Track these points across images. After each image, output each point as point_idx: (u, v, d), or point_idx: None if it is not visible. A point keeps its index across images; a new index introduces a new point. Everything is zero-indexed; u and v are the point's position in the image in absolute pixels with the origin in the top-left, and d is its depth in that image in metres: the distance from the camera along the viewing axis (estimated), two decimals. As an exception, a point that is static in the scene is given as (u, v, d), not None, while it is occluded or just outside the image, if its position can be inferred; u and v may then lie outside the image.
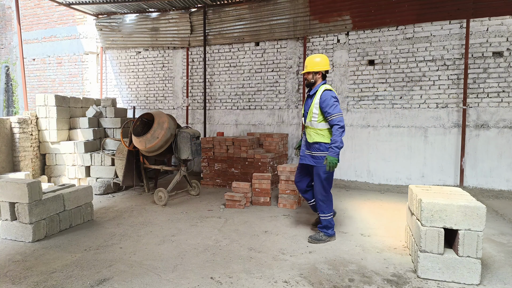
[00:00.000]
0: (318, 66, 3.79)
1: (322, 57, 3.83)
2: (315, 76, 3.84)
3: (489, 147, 5.92)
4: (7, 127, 6.12)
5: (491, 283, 2.86)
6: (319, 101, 3.70)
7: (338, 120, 3.59)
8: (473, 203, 2.84)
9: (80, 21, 9.14)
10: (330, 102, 3.62)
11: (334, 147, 3.58)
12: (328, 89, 3.72)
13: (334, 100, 3.65)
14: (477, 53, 5.93)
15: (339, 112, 3.62)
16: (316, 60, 3.81)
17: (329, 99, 3.64)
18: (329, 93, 3.69)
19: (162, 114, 5.44)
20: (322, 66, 3.79)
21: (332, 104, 3.62)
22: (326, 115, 3.66)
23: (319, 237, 3.78)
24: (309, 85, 3.93)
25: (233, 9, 7.52)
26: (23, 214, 3.75)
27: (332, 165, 3.57)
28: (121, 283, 2.85)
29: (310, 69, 3.81)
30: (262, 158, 6.22)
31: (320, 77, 3.85)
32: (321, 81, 3.86)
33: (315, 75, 3.84)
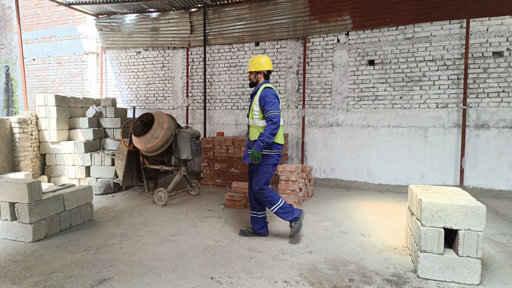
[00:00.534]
0: (259, 66, 3.85)
1: (264, 58, 3.89)
2: (257, 76, 3.90)
3: (489, 147, 5.92)
4: (7, 127, 6.12)
5: (491, 283, 2.86)
6: (259, 99, 3.74)
7: (273, 116, 3.62)
8: (473, 203, 2.84)
9: (80, 21, 9.15)
10: (268, 99, 3.67)
11: (260, 141, 3.63)
12: (268, 87, 3.77)
13: (273, 97, 3.69)
14: (477, 53, 5.93)
15: (275, 110, 3.65)
16: (258, 60, 3.87)
17: (268, 96, 3.68)
18: (269, 90, 3.73)
19: (162, 114, 5.44)
20: (263, 67, 3.85)
21: (270, 101, 3.66)
22: (264, 112, 3.71)
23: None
24: (252, 84, 3.97)
25: (233, 9, 7.52)
26: (23, 214, 3.75)
27: (255, 158, 3.64)
28: (121, 283, 2.85)
29: (252, 69, 3.88)
30: (262, 158, 6.21)
31: (262, 77, 3.91)
32: (263, 81, 3.91)
33: (257, 75, 3.90)
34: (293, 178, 5.10)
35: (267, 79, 3.95)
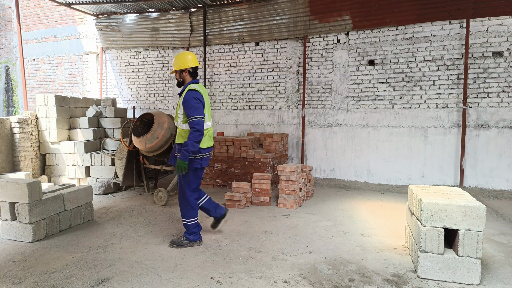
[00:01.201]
0: (183, 64, 3.60)
1: (190, 54, 3.64)
2: (182, 75, 3.66)
3: (489, 147, 5.92)
4: (7, 127, 6.12)
5: (491, 283, 2.86)
6: (182, 102, 3.51)
7: (195, 123, 3.39)
8: (473, 203, 2.84)
9: (80, 21, 9.15)
10: (190, 104, 3.42)
11: (184, 150, 3.41)
12: (192, 89, 3.51)
13: (195, 102, 3.44)
14: (477, 53, 5.93)
15: (197, 115, 3.40)
16: (182, 57, 3.62)
17: (190, 100, 3.44)
18: (192, 93, 3.47)
19: (162, 114, 5.44)
20: (187, 64, 3.59)
21: (192, 106, 3.41)
22: (186, 117, 3.48)
23: (179, 242, 3.65)
24: (179, 84, 3.73)
25: (233, 9, 7.52)
26: (23, 214, 3.75)
27: (180, 169, 3.44)
28: (121, 283, 2.85)
29: (176, 68, 3.64)
30: (262, 158, 6.22)
31: (187, 75, 3.65)
32: (190, 80, 3.67)
33: (182, 74, 3.65)
34: (293, 178, 5.10)
35: (194, 77, 3.70)
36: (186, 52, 3.68)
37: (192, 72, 3.67)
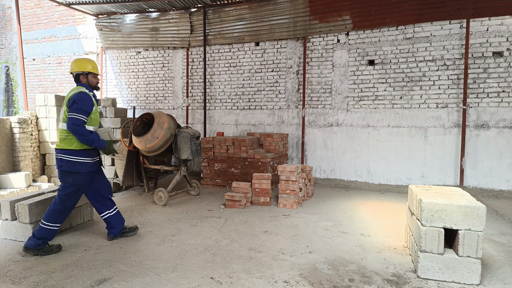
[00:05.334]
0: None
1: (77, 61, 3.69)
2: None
3: (489, 147, 5.92)
4: (7, 127, 6.12)
5: (491, 283, 2.86)
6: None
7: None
8: (473, 203, 2.84)
9: (80, 21, 9.15)
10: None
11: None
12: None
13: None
14: (477, 53, 5.93)
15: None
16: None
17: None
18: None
19: (162, 114, 5.44)
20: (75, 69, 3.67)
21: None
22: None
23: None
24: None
25: (233, 9, 7.52)
26: (23, 214, 3.75)
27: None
28: (121, 283, 2.84)
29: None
30: (262, 158, 6.22)
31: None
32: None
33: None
34: (293, 178, 5.10)
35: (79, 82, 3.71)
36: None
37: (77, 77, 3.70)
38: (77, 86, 3.61)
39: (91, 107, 3.53)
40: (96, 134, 3.57)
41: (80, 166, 3.51)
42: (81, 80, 3.65)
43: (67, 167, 3.48)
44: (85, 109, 3.45)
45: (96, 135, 3.56)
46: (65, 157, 3.48)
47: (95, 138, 3.52)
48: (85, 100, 3.47)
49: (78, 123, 3.40)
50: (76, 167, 3.49)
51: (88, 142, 3.48)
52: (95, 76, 3.71)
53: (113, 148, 3.68)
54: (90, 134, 3.50)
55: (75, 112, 3.40)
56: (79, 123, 3.40)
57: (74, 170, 3.49)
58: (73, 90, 3.55)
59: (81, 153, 3.52)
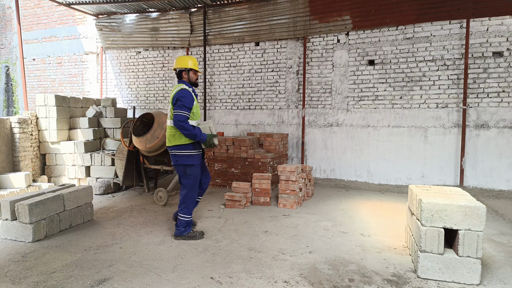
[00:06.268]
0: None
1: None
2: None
3: (489, 147, 5.92)
4: (7, 127, 6.12)
5: (491, 283, 2.86)
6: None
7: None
8: (473, 203, 2.84)
9: (80, 21, 9.15)
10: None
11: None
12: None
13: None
14: (477, 53, 5.93)
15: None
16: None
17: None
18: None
19: (162, 114, 5.44)
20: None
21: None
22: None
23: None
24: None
25: (233, 9, 7.52)
26: (23, 214, 3.75)
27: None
28: (121, 283, 2.84)
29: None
30: (262, 158, 6.22)
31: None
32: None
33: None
34: (293, 178, 5.10)
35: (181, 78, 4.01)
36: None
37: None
38: (178, 84, 3.89)
39: (192, 102, 3.76)
40: (198, 129, 3.79)
41: (191, 158, 3.82)
42: (183, 77, 3.92)
43: (182, 161, 3.80)
44: (187, 105, 3.69)
45: (199, 130, 3.79)
46: (179, 152, 3.80)
47: (198, 133, 3.74)
48: (187, 96, 3.71)
49: (182, 119, 3.65)
50: (189, 160, 3.80)
51: (192, 136, 3.72)
52: (195, 73, 3.96)
53: (213, 141, 3.86)
54: (193, 129, 3.73)
55: (179, 109, 3.67)
56: (183, 119, 3.65)
57: (188, 163, 3.80)
58: (176, 88, 3.82)
59: (190, 147, 3.81)
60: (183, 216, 3.84)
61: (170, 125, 3.83)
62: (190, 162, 3.80)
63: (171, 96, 3.81)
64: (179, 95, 3.70)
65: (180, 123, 3.64)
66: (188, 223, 3.87)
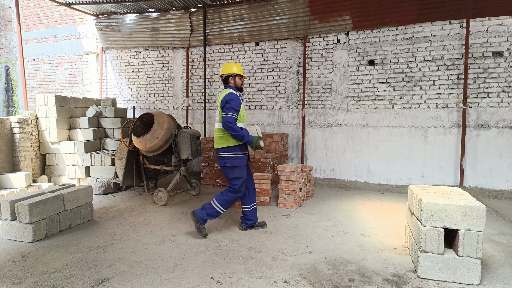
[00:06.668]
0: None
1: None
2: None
3: (489, 147, 5.92)
4: (7, 127, 6.12)
5: (491, 283, 2.86)
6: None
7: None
8: (473, 203, 2.84)
9: (80, 21, 9.15)
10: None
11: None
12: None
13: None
14: (477, 53, 5.93)
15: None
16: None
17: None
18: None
19: (162, 114, 5.44)
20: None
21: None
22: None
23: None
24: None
25: (233, 9, 7.52)
26: (23, 214, 3.75)
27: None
28: (121, 283, 2.85)
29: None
30: (262, 158, 6.22)
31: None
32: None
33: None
34: (293, 178, 5.10)
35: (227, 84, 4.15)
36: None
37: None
38: (226, 88, 4.05)
39: (239, 105, 3.88)
40: (246, 130, 3.90)
41: (239, 160, 3.93)
42: (230, 82, 4.08)
43: (230, 163, 3.92)
44: (235, 107, 3.82)
45: (246, 131, 3.89)
46: (226, 154, 3.93)
47: (245, 134, 3.85)
48: (235, 99, 3.84)
49: (231, 120, 3.77)
50: (236, 161, 3.92)
51: (240, 138, 3.83)
52: (241, 78, 4.12)
53: (259, 144, 3.93)
54: (241, 130, 3.83)
55: (228, 111, 3.79)
56: (231, 120, 3.78)
57: (236, 164, 3.91)
58: (223, 93, 3.98)
59: (237, 149, 3.93)
60: (218, 205, 3.90)
61: (218, 127, 3.98)
62: (238, 164, 3.91)
63: (219, 100, 3.97)
64: (227, 98, 3.84)
65: (229, 124, 3.76)
66: (216, 213, 3.92)
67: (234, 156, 3.91)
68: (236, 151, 3.92)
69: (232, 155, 3.91)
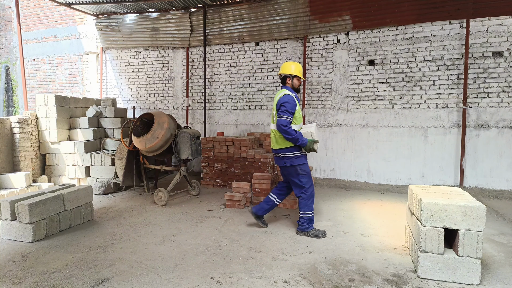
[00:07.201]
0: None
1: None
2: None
3: (489, 147, 5.92)
4: (7, 127, 6.12)
5: (491, 283, 2.86)
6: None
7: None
8: (473, 203, 2.84)
9: (80, 21, 9.15)
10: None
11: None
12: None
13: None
14: (477, 53, 5.93)
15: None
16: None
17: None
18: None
19: (162, 114, 5.44)
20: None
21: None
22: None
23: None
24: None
25: (233, 9, 7.52)
26: (23, 214, 3.75)
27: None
28: (121, 283, 2.85)
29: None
30: (262, 158, 6.22)
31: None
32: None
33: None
34: (293, 178, 5.09)
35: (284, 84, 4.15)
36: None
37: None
38: (282, 89, 4.04)
39: (294, 107, 3.87)
40: (300, 134, 3.91)
41: (299, 158, 3.96)
42: (287, 82, 4.06)
43: (290, 162, 3.95)
44: (290, 110, 3.82)
45: (300, 134, 3.90)
46: (285, 154, 3.95)
47: (299, 137, 3.86)
48: (290, 102, 3.84)
49: (285, 123, 3.79)
50: (297, 160, 3.95)
51: (293, 141, 3.84)
52: (299, 79, 4.06)
53: (313, 147, 3.92)
54: (295, 133, 3.84)
55: (282, 114, 3.82)
56: (286, 123, 3.79)
57: (296, 163, 3.94)
58: (279, 94, 3.99)
59: (295, 149, 3.94)
60: (304, 213, 3.95)
61: (273, 129, 4.02)
62: (299, 162, 3.94)
63: (275, 101, 3.99)
64: (283, 101, 3.84)
65: (283, 127, 3.78)
66: (310, 219, 3.97)
67: (294, 156, 3.94)
68: (295, 151, 3.95)
69: (291, 155, 3.94)
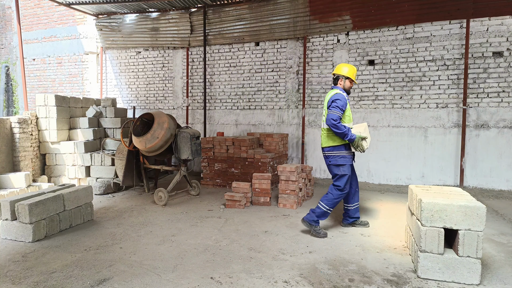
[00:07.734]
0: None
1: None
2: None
3: (489, 147, 5.92)
4: (7, 127, 6.12)
5: (491, 283, 2.86)
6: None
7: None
8: (473, 203, 2.84)
9: (80, 21, 9.15)
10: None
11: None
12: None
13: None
14: (477, 53, 5.93)
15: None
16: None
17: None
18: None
19: (162, 114, 5.44)
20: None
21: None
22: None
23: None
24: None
25: (233, 9, 7.52)
26: (23, 214, 3.75)
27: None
28: (121, 283, 2.85)
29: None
30: (262, 158, 6.22)
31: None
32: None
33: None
34: (293, 178, 5.10)
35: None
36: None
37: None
38: (333, 89, 4.12)
39: (345, 106, 3.95)
40: (349, 129, 3.92)
41: (344, 159, 4.01)
42: (339, 83, 4.14)
43: (334, 161, 4.02)
44: (340, 106, 3.89)
45: (349, 129, 3.92)
46: (331, 153, 4.05)
47: (348, 132, 3.89)
48: (341, 99, 3.92)
49: (335, 117, 3.85)
50: (341, 160, 4.00)
51: (342, 135, 3.89)
52: (351, 82, 4.13)
53: (361, 144, 3.94)
54: (345, 128, 3.88)
55: (333, 109, 3.90)
56: (336, 117, 3.85)
57: (341, 163, 4.00)
58: (330, 93, 4.08)
59: (342, 148, 4.01)
60: (324, 206, 3.95)
61: (324, 127, 4.10)
62: (342, 162, 3.98)
63: (326, 100, 4.07)
64: (334, 98, 3.93)
65: (333, 121, 3.83)
66: (324, 214, 3.97)
67: (339, 155, 4.00)
68: (341, 150, 4.00)
69: (337, 153, 4.01)
